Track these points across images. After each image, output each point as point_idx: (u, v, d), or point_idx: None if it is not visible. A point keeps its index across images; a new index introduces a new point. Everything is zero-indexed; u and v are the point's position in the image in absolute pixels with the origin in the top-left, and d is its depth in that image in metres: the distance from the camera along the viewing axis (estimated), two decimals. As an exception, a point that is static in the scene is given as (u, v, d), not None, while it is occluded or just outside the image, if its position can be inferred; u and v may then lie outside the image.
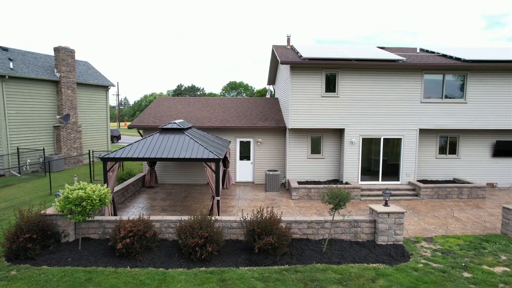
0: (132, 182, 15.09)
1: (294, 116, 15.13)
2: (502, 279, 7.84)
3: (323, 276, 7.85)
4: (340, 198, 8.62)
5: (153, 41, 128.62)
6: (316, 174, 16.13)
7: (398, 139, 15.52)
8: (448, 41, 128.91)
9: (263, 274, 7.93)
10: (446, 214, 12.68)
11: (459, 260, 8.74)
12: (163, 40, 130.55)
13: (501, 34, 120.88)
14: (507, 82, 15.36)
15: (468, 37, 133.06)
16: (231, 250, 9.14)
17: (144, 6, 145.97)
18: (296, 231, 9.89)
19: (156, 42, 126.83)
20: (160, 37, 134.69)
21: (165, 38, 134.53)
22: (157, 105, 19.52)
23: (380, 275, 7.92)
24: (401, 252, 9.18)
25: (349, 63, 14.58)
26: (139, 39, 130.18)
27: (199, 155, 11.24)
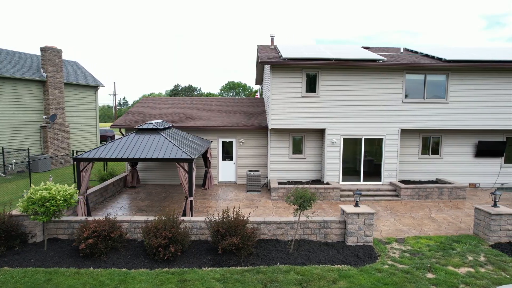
0: (112, 182, 15.08)
1: (274, 116, 15.09)
2: (464, 279, 7.80)
3: (284, 277, 7.81)
4: (304, 199, 8.58)
5: (153, 41, 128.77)
6: (298, 174, 16.10)
7: (379, 139, 15.47)
8: (448, 41, 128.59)
9: (224, 275, 7.91)
10: (423, 215, 12.63)
11: (426, 261, 8.70)
12: (163, 40, 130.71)
13: (501, 34, 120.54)
14: (487, 82, 15.29)
15: (468, 37, 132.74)
16: (197, 250, 9.12)
17: (145, 6, 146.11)
18: (265, 232, 9.86)
19: (156, 42, 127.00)
20: (160, 37, 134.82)
21: (165, 38, 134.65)
22: (142, 105, 19.51)
23: (343, 277, 7.88)
24: (369, 253, 9.13)
25: (329, 63, 14.53)
26: (139, 39, 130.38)
27: (172, 155, 11.22)
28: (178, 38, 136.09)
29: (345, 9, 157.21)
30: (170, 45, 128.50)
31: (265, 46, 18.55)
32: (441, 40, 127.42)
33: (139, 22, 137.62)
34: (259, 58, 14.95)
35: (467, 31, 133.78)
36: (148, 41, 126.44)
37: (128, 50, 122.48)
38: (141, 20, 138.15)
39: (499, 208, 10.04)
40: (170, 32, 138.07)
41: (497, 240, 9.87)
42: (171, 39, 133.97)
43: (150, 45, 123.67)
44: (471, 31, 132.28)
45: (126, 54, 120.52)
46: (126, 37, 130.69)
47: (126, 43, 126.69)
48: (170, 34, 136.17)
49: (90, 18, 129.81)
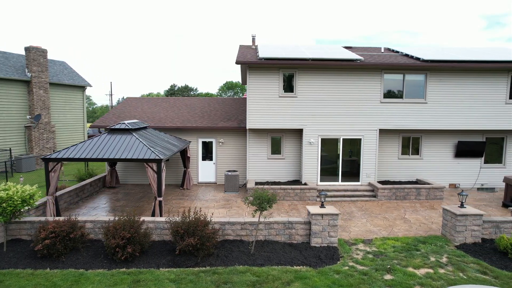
0: (90, 182, 15.06)
1: (252, 116, 15.05)
2: (421, 281, 7.74)
3: (239, 279, 7.77)
4: (262, 199, 8.53)
5: (153, 41, 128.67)
6: (277, 174, 16.05)
7: (358, 140, 15.40)
8: (448, 41, 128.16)
9: (179, 276, 7.87)
10: (397, 216, 12.56)
11: (387, 263, 8.64)
12: (163, 40, 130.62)
13: (501, 34, 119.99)
14: (466, 82, 15.21)
15: (468, 37, 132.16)
16: (158, 251, 9.09)
17: (145, 6, 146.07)
18: (229, 233, 9.82)
19: (155, 42, 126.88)
20: (159, 37, 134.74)
21: (165, 38, 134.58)
22: (124, 105, 19.49)
23: (298, 278, 7.83)
24: (332, 255, 9.08)
25: (306, 63, 14.48)
26: (139, 39, 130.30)
27: (140, 155, 11.19)
28: (178, 38, 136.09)
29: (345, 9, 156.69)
30: (170, 45, 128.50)
31: (247, 46, 18.51)
32: (441, 40, 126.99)
33: (139, 22, 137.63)
34: (236, 58, 14.89)
35: (467, 31, 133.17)
36: (147, 41, 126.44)
37: (128, 50, 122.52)
38: (141, 20, 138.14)
39: (465, 209, 9.98)
40: (170, 32, 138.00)
41: (462, 241, 9.80)
42: (171, 39, 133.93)
43: (150, 45, 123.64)
44: (471, 31, 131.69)
45: (126, 54, 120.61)
46: (125, 37, 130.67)
47: (125, 43, 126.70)
48: (170, 34, 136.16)
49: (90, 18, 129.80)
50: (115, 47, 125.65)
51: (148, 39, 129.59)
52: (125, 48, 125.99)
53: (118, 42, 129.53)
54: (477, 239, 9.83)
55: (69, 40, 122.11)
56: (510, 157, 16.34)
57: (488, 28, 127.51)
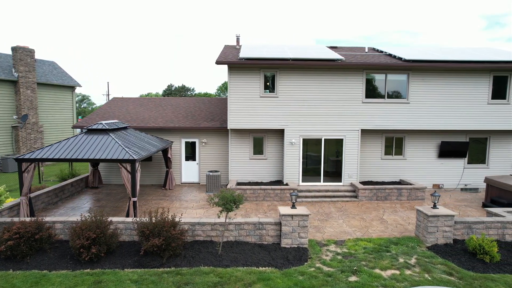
0: (71, 182, 15.04)
1: (233, 116, 15.01)
2: (385, 282, 7.69)
3: (201, 280, 7.73)
4: (227, 200, 8.49)
5: (153, 41, 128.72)
6: (259, 175, 16.00)
7: (340, 140, 15.34)
8: (448, 41, 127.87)
9: (142, 277, 7.83)
10: (375, 216, 12.51)
11: (355, 264, 8.59)
12: (162, 40, 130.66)
13: (501, 34, 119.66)
14: (449, 82, 15.15)
15: (468, 37, 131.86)
16: (126, 251, 9.05)
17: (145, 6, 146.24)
18: (199, 233, 9.78)
19: (155, 42, 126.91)
20: (159, 37, 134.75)
21: (164, 38, 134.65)
22: (110, 105, 19.47)
23: (261, 280, 7.78)
24: (300, 256, 9.02)
25: (287, 63, 14.43)
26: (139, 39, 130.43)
27: (115, 156, 11.17)
28: (177, 38, 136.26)
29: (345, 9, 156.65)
30: (169, 45, 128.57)
31: (231, 46, 18.47)
32: (441, 40, 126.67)
33: (138, 22, 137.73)
34: (217, 58, 14.85)
35: (467, 31, 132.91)
36: (147, 41, 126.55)
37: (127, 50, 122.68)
38: (140, 21, 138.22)
39: (437, 210, 9.92)
40: (169, 32, 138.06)
41: (434, 242, 9.74)
42: (170, 39, 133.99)
43: (149, 45, 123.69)
44: (471, 31, 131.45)
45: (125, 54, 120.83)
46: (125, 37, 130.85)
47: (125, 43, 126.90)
48: (169, 34, 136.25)
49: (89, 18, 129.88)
50: (115, 47, 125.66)
51: (147, 39, 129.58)
52: (125, 48, 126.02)
53: (118, 42, 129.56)
54: (449, 240, 9.77)
55: (69, 40, 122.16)
56: (493, 158, 16.27)
57: (488, 28, 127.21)
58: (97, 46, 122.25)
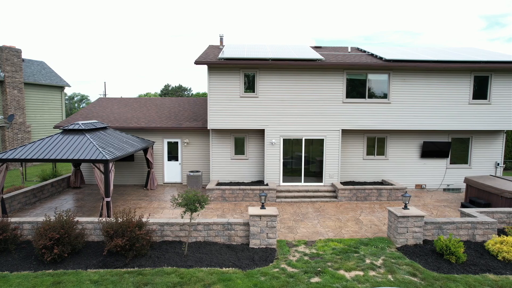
0: (51, 183, 15.04)
1: (213, 116, 14.98)
2: (346, 283, 7.66)
3: (162, 280, 7.71)
4: (189, 200, 8.47)
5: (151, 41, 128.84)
6: (241, 175, 15.98)
7: (320, 140, 15.30)
8: (448, 41, 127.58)
9: (103, 277, 7.82)
10: (352, 217, 12.47)
11: (320, 265, 8.55)
12: (161, 39, 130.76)
13: (500, 34, 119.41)
14: (430, 82, 15.09)
15: (467, 37, 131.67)
16: (93, 251, 9.04)
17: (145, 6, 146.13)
18: (168, 234, 9.76)
19: (154, 42, 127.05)
20: (158, 37, 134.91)
21: (164, 38, 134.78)
22: (95, 105, 19.47)
23: (221, 280, 7.76)
24: (266, 257, 8.99)
25: (267, 63, 14.40)
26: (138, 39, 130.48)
27: (88, 156, 11.16)
28: (177, 38, 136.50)
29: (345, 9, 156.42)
30: (168, 45, 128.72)
31: (215, 46, 18.45)
32: (441, 40, 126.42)
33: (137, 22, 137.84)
34: (197, 59, 14.83)
35: (466, 31, 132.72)
36: (146, 41, 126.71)
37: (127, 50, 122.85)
38: (139, 20, 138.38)
39: (407, 210, 9.88)
40: (168, 32, 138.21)
41: (404, 243, 9.70)
42: (169, 39, 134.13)
43: (149, 45, 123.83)
44: (470, 31, 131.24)
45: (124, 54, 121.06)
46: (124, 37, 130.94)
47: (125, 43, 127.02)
48: (168, 34, 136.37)
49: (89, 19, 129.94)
50: (115, 48, 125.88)
51: (146, 39, 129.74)
52: (124, 48, 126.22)
53: (117, 42, 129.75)
54: (419, 241, 9.73)
55: (69, 40, 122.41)
56: (476, 158, 16.21)
57: (487, 29, 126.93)
58: (97, 46, 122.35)
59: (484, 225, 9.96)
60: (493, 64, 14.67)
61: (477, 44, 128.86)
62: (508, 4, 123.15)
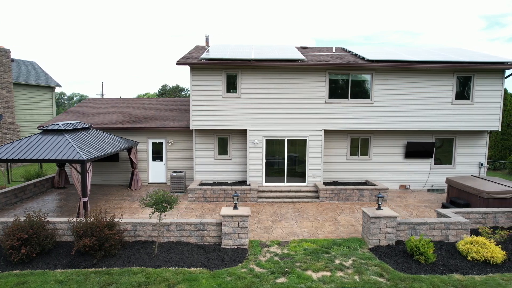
0: (34, 183, 15.08)
1: (195, 116, 15.00)
2: (311, 284, 7.66)
3: (127, 280, 7.72)
4: (158, 201, 8.49)
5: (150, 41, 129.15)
6: (224, 175, 15.99)
7: (303, 140, 15.30)
8: (447, 41, 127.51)
9: (69, 277, 7.83)
10: (330, 217, 12.47)
11: (289, 265, 8.55)
12: (161, 40, 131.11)
13: (500, 34, 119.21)
14: (412, 82, 15.09)
15: (467, 37, 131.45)
16: (63, 251, 9.05)
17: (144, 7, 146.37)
18: (141, 234, 9.78)
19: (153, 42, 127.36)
20: (157, 37, 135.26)
21: (163, 38, 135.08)
22: (82, 106, 19.51)
23: (186, 280, 7.77)
24: (236, 257, 9.00)
25: (249, 63, 14.41)
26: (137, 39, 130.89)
27: (65, 156, 11.19)
28: (177, 38, 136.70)
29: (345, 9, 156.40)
30: (167, 45, 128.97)
31: (201, 47, 18.47)
32: (440, 41, 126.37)
33: (136, 22, 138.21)
34: (179, 59, 14.85)
35: (466, 31, 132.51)
36: (145, 41, 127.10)
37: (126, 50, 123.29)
38: (138, 20, 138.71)
39: (380, 211, 9.87)
40: (169, 32, 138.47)
41: (376, 243, 9.70)
42: (170, 39, 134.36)
43: (148, 45, 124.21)
44: (470, 31, 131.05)
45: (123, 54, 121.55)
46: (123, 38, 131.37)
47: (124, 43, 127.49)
48: (167, 34, 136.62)
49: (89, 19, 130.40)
50: (114, 48, 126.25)
51: (146, 40, 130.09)
52: (123, 48, 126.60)
53: (116, 43, 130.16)
54: (392, 241, 9.72)
55: (68, 40, 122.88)
56: (460, 158, 16.19)
57: (487, 29, 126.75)
58: (97, 46, 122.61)
59: (457, 226, 9.96)
60: (476, 65, 14.66)
61: (477, 44, 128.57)
62: (508, 4, 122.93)
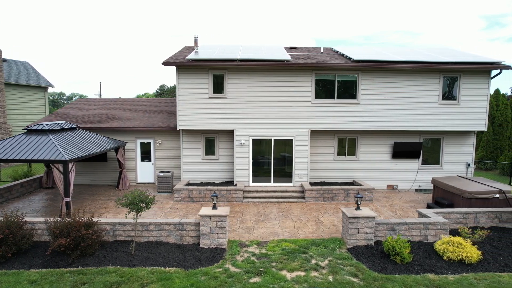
0: (21, 183, 15.12)
1: (182, 117, 15.03)
2: (284, 284, 7.68)
3: (101, 279, 7.75)
4: (133, 200, 8.52)
5: (150, 41, 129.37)
6: (212, 175, 16.02)
7: (290, 140, 15.32)
8: (448, 41, 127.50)
9: (43, 277, 7.87)
10: (314, 217, 12.48)
11: (265, 265, 8.57)
12: (160, 40, 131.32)
13: (500, 35, 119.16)
14: (399, 82, 15.10)
15: (468, 37, 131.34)
16: (41, 251, 9.08)
17: (144, 7, 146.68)
18: (120, 233, 9.82)
19: (152, 42, 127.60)
20: (157, 37, 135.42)
21: (164, 37, 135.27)
22: (72, 106, 19.55)
23: (160, 280, 7.80)
24: (213, 256, 9.03)
25: (235, 64, 14.43)
26: (136, 39, 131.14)
27: (47, 156, 11.22)
28: (177, 38, 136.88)
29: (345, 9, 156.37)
30: (166, 45, 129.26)
31: (190, 47, 18.50)
32: (440, 40, 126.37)
33: (136, 22, 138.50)
34: (165, 60, 14.87)
35: (466, 31, 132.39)
36: (144, 41, 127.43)
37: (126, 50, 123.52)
38: (137, 20, 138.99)
39: (359, 211, 9.89)
40: (169, 32, 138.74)
41: (355, 243, 9.72)
42: (170, 39, 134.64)
43: (147, 45, 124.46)
44: (470, 31, 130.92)
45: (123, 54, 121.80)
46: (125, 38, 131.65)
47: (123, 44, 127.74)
48: (169, 34, 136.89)
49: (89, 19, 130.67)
50: (114, 48, 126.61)
51: (145, 40, 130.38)
52: (123, 48, 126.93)
53: (116, 43, 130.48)
54: (370, 242, 9.74)
55: (69, 40, 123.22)
56: (447, 158, 16.20)
57: (487, 29, 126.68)
58: (97, 47, 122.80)
59: (436, 226, 9.97)
60: (462, 65, 14.67)
61: (477, 44, 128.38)
62: (508, 4, 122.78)
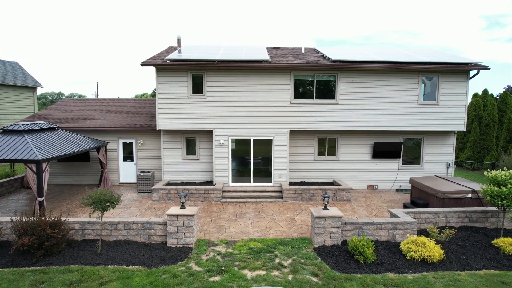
0: (1, 183, 15.22)
1: (162, 117, 15.11)
2: (243, 283, 7.73)
3: (61, 278, 7.82)
4: (97, 200, 8.59)
5: (149, 41, 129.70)
6: (192, 175, 16.08)
7: (269, 141, 15.38)
8: (448, 41, 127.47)
9: (3, 276, 7.93)
10: (288, 217, 12.54)
11: (228, 264, 8.64)
12: (160, 40, 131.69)
13: (500, 35, 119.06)
14: (378, 83, 15.15)
15: (468, 37, 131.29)
16: (5, 251, 9.12)
17: (144, 7, 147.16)
18: (90, 232, 9.90)
19: (152, 42, 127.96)
20: (158, 36, 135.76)
21: (164, 37, 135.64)
22: (56, 106, 19.65)
23: (120, 278, 7.87)
24: (178, 256, 9.09)
25: (214, 64, 14.51)
26: (136, 39, 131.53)
27: (20, 156, 11.30)
28: (175, 38, 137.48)
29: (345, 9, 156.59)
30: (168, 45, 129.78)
31: (174, 47, 18.58)
32: (440, 41, 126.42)
33: (135, 22, 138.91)
34: (144, 60, 14.95)
35: (466, 31, 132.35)
36: (144, 41, 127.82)
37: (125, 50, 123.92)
38: (136, 20, 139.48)
39: (326, 211, 9.95)
40: (169, 32, 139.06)
41: (321, 243, 9.77)
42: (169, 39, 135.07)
43: (146, 45, 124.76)
44: (470, 31, 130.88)
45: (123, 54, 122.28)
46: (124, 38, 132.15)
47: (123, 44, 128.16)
48: (169, 34, 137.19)
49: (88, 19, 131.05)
50: (113, 48, 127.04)
51: (144, 40, 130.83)
52: (122, 48, 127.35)
53: (115, 43, 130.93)
54: (337, 241, 9.79)
55: (68, 40, 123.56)
56: (427, 158, 16.24)
57: (487, 29, 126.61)
58: (96, 47, 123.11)
59: (404, 226, 10.02)
60: (440, 65, 14.71)
61: (477, 44, 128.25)
62: (508, 4, 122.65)
